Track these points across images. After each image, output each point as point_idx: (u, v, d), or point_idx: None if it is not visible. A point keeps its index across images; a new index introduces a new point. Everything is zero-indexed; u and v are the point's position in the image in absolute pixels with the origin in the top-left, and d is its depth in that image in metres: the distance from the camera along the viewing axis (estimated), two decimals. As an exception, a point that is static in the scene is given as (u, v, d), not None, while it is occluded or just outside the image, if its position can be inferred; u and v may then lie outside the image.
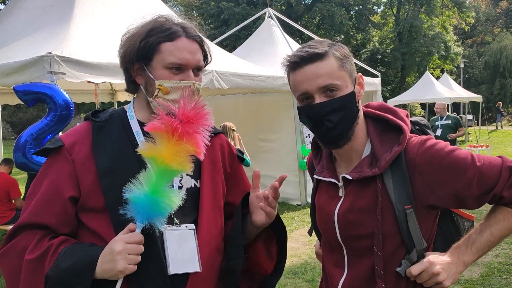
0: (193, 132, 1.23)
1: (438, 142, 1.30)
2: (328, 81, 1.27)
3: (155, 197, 1.20)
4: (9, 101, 7.75)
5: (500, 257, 5.09)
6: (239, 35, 22.18)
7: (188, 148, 1.23)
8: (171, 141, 1.22)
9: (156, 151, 1.22)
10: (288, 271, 4.90)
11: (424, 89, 19.32)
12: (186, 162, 1.24)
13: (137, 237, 1.21)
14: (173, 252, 1.29)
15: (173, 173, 1.25)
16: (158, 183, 1.22)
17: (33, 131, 3.73)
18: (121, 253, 1.18)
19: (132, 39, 1.35)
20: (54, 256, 1.22)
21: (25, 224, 1.28)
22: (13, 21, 5.60)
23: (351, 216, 1.33)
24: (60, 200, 1.28)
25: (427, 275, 1.25)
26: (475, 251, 1.28)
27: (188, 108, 1.23)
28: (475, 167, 1.24)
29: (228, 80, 6.22)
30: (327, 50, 1.29)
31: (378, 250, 1.28)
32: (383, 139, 1.33)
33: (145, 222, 1.22)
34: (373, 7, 33.51)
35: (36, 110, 23.63)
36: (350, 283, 1.35)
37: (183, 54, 1.32)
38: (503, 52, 30.57)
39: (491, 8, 41.21)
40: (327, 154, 1.46)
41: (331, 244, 1.43)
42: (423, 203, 1.29)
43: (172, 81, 1.31)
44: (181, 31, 1.34)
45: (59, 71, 4.18)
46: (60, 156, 1.33)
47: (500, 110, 26.08)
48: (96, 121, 1.38)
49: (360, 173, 1.31)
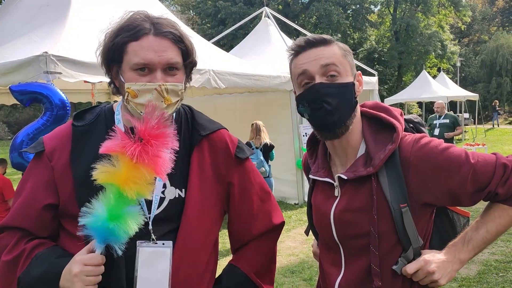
0: (152, 154, 1.16)
1: (432, 140, 1.30)
2: (331, 60, 1.28)
3: (109, 224, 1.15)
4: (5, 101, 7.70)
5: (496, 254, 5.11)
6: (236, 35, 22.15)
7: (145, 174, 1.16)
8: (127, 163, 1.15)
9: (112, 176, 1.16)
10: (285, 270, 4.90)
11: (421, 88, 19.36)
12: (144, 188, 1.17)
13: (95, 259, 1.17)
14: (143, 271, 1.23)
15: (129, 201, 1.18)
16: (115, 207, 1.16)
17: (30, 131, 3.71)
18: (78, 276, 1.15)
19: (105, 41, 1.29)
20: (27, 261, 1.23)
21: (6, 226, 1.29)
22: (8, 21, 5.57)
23: (347, 215, 1.32)
24: (37, 207, 1.27)
25: (422, 274, 1.25)
26: (471, 249, 1.28)
27: (150, 125, 1.16)
28: (470, 164, 1.24)
29: (225, 80, 6.22)
30: (334, 40, 1.33)
31: (375, 248, 1.28)
32: (377, 138, 1.33)
33: (103, 245, 1.19)
34: (370, 6, 33.55)
35: (32, 110, 23.55)
36: (347, 282, 1.35)
37: (147, 54, 1.22)
38: (500, 51, 30.64)
39: (487, 7, 41.31)
40: (322, 153, 1.45)
41: (328, 243, 1.43)
42: (418, 201, 1.29)
43: (138, 83, 1.23)
44: (149, 28, 1.24)
45: (55, 70, 4.16)
46: (41, 161, 1.31)
47: (497, 108, 26.16)
48: (78, 126, 1.33)
49: (355, 172, 1.30)
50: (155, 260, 1.23)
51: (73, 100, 7.79)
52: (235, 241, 1.51)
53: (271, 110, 8.09)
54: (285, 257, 5.38)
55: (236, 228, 1.49)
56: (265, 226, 1.48)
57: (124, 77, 1.26)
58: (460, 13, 32.97)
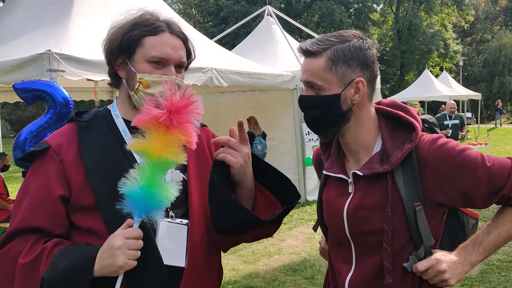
0: (183, 121, 1.21)
1: (450, 141, 1.31)
2: (310, 78, 1.32)
3: (151, 189, 1.18)
4: (8, 99, 7.72)
5: (499, 254, 5.11)
6: (238, 33, 22.15)
7: (180, 138, 1.21)
8: (160, 132, 1.20)
9: (146, 144, 1.20)
10: (287, 269, 4.91)
11: (423, 87, 19.36)
12: (179, 152, 1.22)
13: (136, 232, 1.20)
14: (163, 243, 1.28)
15: (167, 164, 1.23)
16: (152, 176, 1.20)
17: (33, 129, 3.72)
18: (121, 248, 1.16)
19: (116, 32, 1.35)
20: (49, 258, 1.20)
21: (17, 230, 1.25)
22: (11, 19, 5.59)
23: (361, 212, 1.33)
24: (51, 200, 1.26)
25: (433, 272, 1.26)
26: (482, 252, 1.29)
27: (176, 98, 1.21)
28: (485, 167, 1.25)
29: (227, 78, 6.22)
30: (324, 49, 1.30)
31: (387, 245, 1.29)
32: (394, 136, 1.34)
33: (143, 216, 1.20)
34: (372, 5, 33.49)
35: (35, 108, 23.60)
36: (358, 278, 1.36)
37: (165, 49, 1.32)
38: (502, 50, 30.58)
39: (490, 6, 41.18)
40: (336, 150, 1.46)
41: (338, 240, 1.44)
42: (432, 200, 1.30)
43: (153, 75, 1.31)
44: (165, 26, 1.34)
45: (58, 68, 4.17)
46: (47, 157, 1.31)
47: (499, 108, 26.11)
48: (81, 121, 1.36)
49: (371, 169, 1.31)
50: (175, 234, 1.30)
51: (75, 98, 7.80)
52: None
53: (273, 108, 8.09)
54: (287, 256, 5.38)
55: None
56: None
57: (136, 68, 1.33)
58: (463, 12, 32.92)
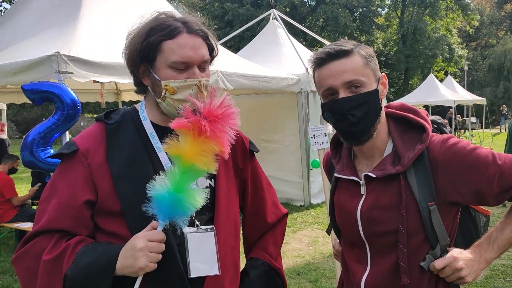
0: (219, 131, 1.21)
1: (460, 141, 1.34)
2: (353, 76, 1.30)
3: (178, 195, 1.18)
4: (15, 100, 7.79)
5: (504, 259, 5.09)
6: (243, 36, 22.20)
7: (213, 147, 1.21)
8: (196, 139, 1.20)
9: (180, 149, 1.20)
10: (291, 272, 4.91)
11: (428, 91, 19.29)
12: (211, 162, 1.22)
13: (159, 235, 1.20)
14: (194, 255, 1.28)
15: (198, 173, 1.23)
16: (182, 181, 1.20)
17: (41, 130, 3.76)
18: (143, 250, 1.16)
19: (133, 40, 1.32)
20: (72, 256, 1.20)
21: (42, 230, 1.26)
22: (20, 21, 5.64)
23: (375, 213, 1.35)
24: (76, 204, 1.27)
25: (450, 270, 1.28)
26: (496, 249, 1.31)
27: (214, 106, 1.21)
28: (497, 165, 1.27)
29: (233, 81, 6.24)
30: (353, 48, 1.33)
31: (403, 246, 1.30)
32: (405, 138, 1.37)
33: (167, 220, 1.20)
34: (377, 9, 33.51)
35: (40, 109, 23.71)
36: (374, 279, 1.37)
37: (186, 51, 1.28)
38: (507, 55, 30.47)
39: (495, 11, 41.09)
40: (347, 153, 1.48)
41: (352, 241, 1.45)
42: (445, 199, 1.32)
43: (177, 80, 1.29)
44: (182, 26, 1.30)
45: (66, 70, 4.21)
46: (76, 160, 1.30)
47: (504, 113, 26.01)
48: (109, 123, 1.35)
49: (384, 171, 1.33)
50: (202, 244, 1.29)
51: (81, 100, 7.79)
52: (250, 238, 1.61)
53: (278, 111, 8.10)
54: (291, 259, 5.38)
55: (253, 220, 1.58)
56: (276, 215, 1.61)
57: (160, 75, 1.30)
58: (468, 16, 32.85)
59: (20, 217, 5.87)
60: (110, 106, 9.96)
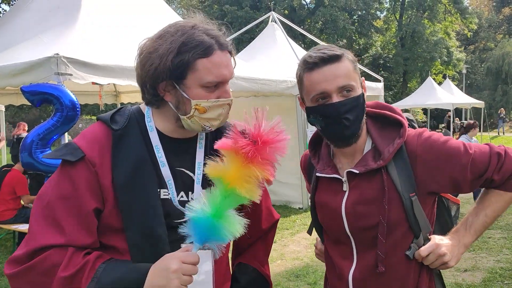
0: (266, 157, 1.15)
1: (433, 133, 1.42)
2: (346, 81, 1.34)
3: (218, 221, 1.13)
4: (14, 102, 7.79)
5: (502, 262, 5.10)
6: (241, 38, 22.22)
7: (258, 174, 1.14)
8: (240, 163, 1.14)
9: (223, 171, 1.14)
10: (290, 274, 4.91)
11: (426, 94, 19.34)
12: (254, 189, 1.16)
13: (193, 257, 1.14)
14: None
15: (239, 199, 1.16)
16: (222, 207, 1.14)
17: (40, 131, 3.76)
18: (177, 272, 1.11)
19: (160, 55, 1.21)
20: (92, 272, 1.15)
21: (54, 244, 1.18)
22: (19, 23, 5.65)
23: (359, 207, 1.40)
24: (86, 213, 1.21)
25: (434, 256, 1.35)
26: (473, 233, 1.40)
27: (264, 130, 1.15)
28: (468, 154, 1.36)
29: (232, 83, 6.13)
30: (343, 53, 1.38)
31: (382, 236, 1.36)
32: (383, 134, 1.43)
33: (202, 244, 1.16)
34: (376, 12, 33.61)
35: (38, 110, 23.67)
36: (361, 272, 1.42)
37: (221, 71, 1.23)
38: (506, 59, 30.55)
39: (493, 14, 41.24)
40: (326, 153, 1.52)
41: (337, 238, 1.49)
42: (425, 189, 1.39)
43: (210, 100, 1.24)
44: (215, 43, 1.23)
45: (66, 72, 4.21)
46: (82, 166, 1.23)
47: (502, 116, 26.08)
48: (115, 130, 1.27)
49: (366, 166, 1.38)
50: (201, 262, 1.21)
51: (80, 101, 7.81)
52: (243, 242, 1.54)
53: (277, 114, 7.98)
54: (289, 261, 5.38)
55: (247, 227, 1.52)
56: (270, 222, 1.60)
57: (190, 94, 1.24)
58: (466, 20, 32.95)
59: (19, 217, 5.87)
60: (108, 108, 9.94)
